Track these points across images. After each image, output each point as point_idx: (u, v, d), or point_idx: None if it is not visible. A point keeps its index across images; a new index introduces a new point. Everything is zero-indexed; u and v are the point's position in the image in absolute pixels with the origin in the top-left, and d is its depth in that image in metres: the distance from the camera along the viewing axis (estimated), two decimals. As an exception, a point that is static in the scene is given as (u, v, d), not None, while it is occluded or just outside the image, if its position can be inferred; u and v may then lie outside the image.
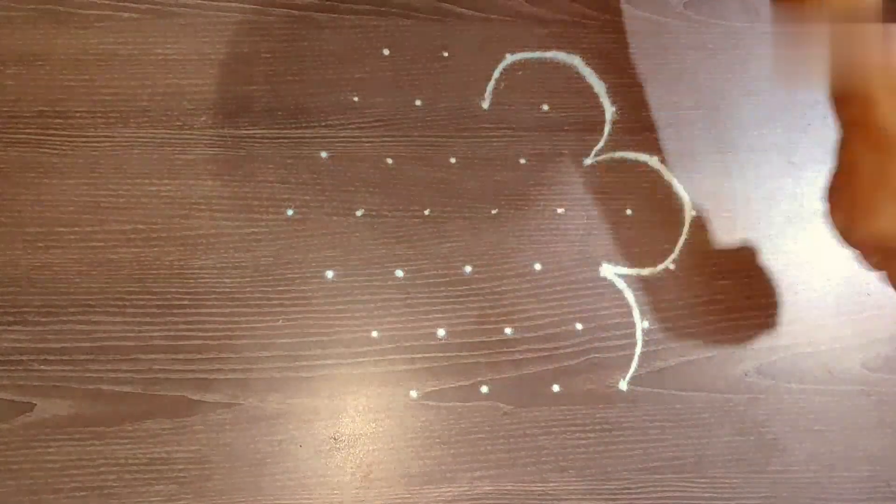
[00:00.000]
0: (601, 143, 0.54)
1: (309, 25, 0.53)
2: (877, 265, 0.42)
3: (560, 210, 0.52)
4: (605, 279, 0.51)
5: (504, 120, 0.53)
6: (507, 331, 0.49)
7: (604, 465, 0.48)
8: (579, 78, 0.55)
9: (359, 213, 0.50)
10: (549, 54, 0.55)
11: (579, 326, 0.50)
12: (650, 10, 0.57)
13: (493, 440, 0.47)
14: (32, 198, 0.48)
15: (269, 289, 0.48)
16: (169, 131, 0.50)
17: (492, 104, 0.53)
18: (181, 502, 0.44)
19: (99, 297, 0.47)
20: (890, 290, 0.53)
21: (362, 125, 0.52)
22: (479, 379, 0.48)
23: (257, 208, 0.49)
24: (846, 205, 0.41)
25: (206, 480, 0.45)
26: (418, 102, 0.53)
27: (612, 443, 0.48)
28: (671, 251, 0.52)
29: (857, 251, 0.42)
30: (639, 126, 0.54)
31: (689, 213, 0.53)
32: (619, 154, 0.54)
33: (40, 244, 0.47)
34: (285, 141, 0.51)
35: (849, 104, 0.40)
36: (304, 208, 0.50)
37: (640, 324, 0.51)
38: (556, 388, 0.49)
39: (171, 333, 0.47)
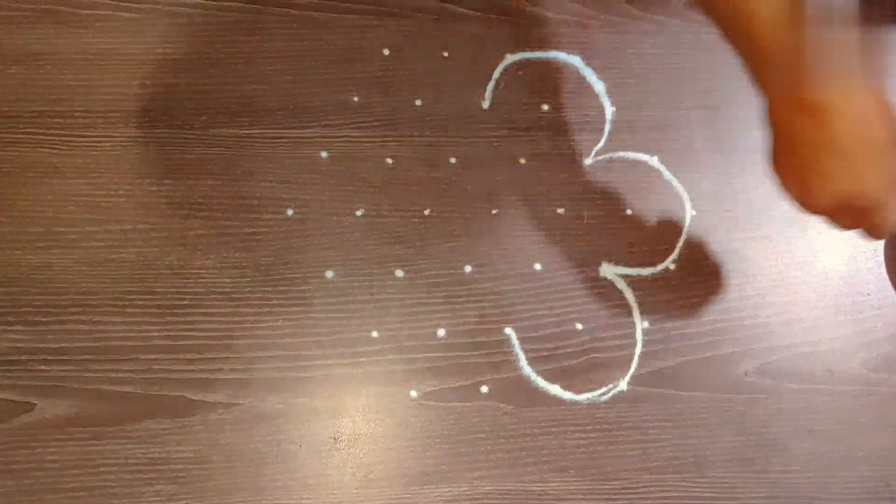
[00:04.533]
0: (601, 143, 0.54)
1: (309, 25, 0.53)
2: (848, 225, 0.41)
3: (560, 210, 0.52)
4: (605, 279, 0.51)
5: (504, 120, 0.53)
6: (507, 331, 0.49)
7: (604, 465, 0.48)
8: (579, 78, 0.55)
9: (359, 212, 0.50)
10: (550, 54, 0.55)
11: (579, 326, 0.50)
12: (650, 9, 0.57)
13: (493, 440, 0.47)
14: (33, 198, 0.48)
15: (270, 289, 0.48)
16: (169, 131, 0.50)
17: (492, 104, 0.53)
18: (181, 502, 0.44)
19: (99, 297, 0.47)
20: (889, 289, 0.53)
21: (362, 125, 0.52)
22: (479, 379, 0.48)
23: (257, 208, 0.49)
24: (797, 173, 0.40)
25: (206, 480, 0.45)
26: (418, 102, 0.53)
27: (612, 443, 0.48)
28: (671, 251, 0.52)
29: (824, 217, 0.40)
30: (639, 126, 0.54)
31: (689, 213, 0.53)
32: (619, 154, 0.54)
33: (40, 244, 0.47)
34: (285, 141, 0.51)
35: (771, 71, 0.39)
36: (304, 208, 0.50)
37: (640, 324, 0.51)
38: (556, 388, 0.49)
39: (172, 333, 0.47)
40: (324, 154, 0.51)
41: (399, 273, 0.50)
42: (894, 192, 0.38)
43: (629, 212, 0.53)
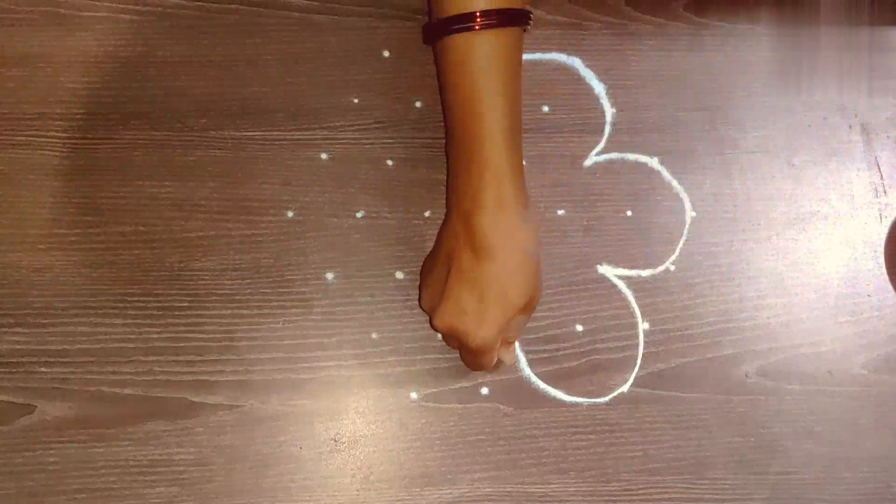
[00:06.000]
0: (601, 145, 0.54)
1: (309, 27, 0.53)
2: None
3: (560, 211, 0.52)
4: (605, 280, 0.51)
5: (504, 121, 0.53)
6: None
7: (604, 467, 0.48)
8: (579, 79, 0.55)
9: (359, 214, 0.50)
10: (549, 56, 0.55)
11: (580, 328, 0.50)
12: (651, 11, 0.57)
13: (493, 442, 0.47)
14: (33, 199, 0.48)
15: (270, 290, 0.48)
16: (169, 133, 0.50)
17: (492, 106, 0.53)
18: (182, 504, 0.44)
19: (100, 299, 0.47)
20: (890, 290, 0.53)
21: (362, 127, 0.52)
22: (479, 380, 0.48)
23: (258, 210, 0.49)
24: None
25: (207, 482, 0.45)
26: (418, 104, 0.53)
27: (612, 444, 0.48)
28: (671, 252, 0.52)
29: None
30: (639, 127, 0.54)
31: (689, 214, 0.53)
32: (619, 155, 0.54)
33: (41, 246, 0.47)
34: (285, 143, 0.51)
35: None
36: (304, 210, 0.50)
37: (641, 325, 0.51)
38: (556, 389, 0.49)
39: (172, 335, 0.47)
40: (324, 156, 0.51)
41: (399, 275, 0.50)
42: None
43: (629, 213, 0.53)
